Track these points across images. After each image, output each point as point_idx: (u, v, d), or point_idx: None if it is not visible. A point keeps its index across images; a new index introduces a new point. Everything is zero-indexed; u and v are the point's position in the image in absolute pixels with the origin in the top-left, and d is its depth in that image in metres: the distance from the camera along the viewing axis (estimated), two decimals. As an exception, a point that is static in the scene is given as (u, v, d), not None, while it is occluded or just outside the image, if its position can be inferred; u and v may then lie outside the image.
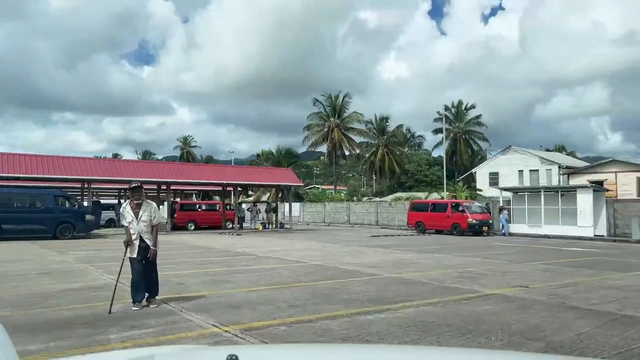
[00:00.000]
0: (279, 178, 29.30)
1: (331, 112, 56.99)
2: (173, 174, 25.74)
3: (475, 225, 25.86)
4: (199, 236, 23.99)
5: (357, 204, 41.05)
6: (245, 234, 25.56)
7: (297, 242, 20.23)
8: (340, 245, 18.56)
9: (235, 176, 27.56)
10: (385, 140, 62.56)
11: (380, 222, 37.19)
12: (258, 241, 20.54)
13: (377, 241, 21.10)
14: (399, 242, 20.88)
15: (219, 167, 27.71)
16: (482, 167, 45.72)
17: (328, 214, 42.47)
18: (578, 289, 8.51)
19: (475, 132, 63.75)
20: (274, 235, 25.18)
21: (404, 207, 35.58)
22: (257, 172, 28.81)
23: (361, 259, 13.32)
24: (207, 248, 17.05)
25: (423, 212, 28.66)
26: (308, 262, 12.57)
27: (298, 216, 45.66)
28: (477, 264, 12.26)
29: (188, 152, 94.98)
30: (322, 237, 23.26)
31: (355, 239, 22.19)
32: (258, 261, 12.78)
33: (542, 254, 15.45)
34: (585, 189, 24.47)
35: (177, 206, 32.28)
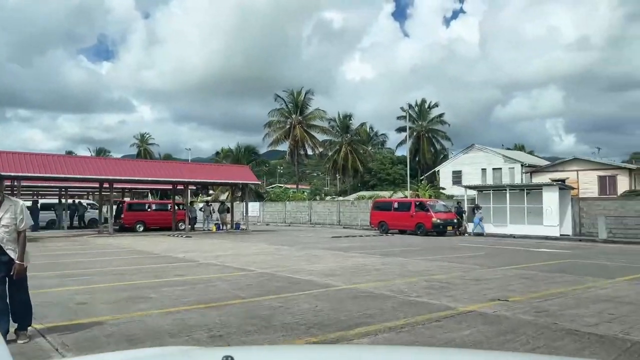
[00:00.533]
0: (235, 176, 27.44)
1: (293, 109, 55.34)
2: (117, 171, 23.49)
3: (440, 224, 24.78)
4: (143, 239, 21.88)
5: (319, 203, 39.58)
6: (196, 236, 23.61)
7: (249, 244, 18.51)
8: (297, 248, 16.96)
9: (188, 174, 25.53)
10: (349, 139, 61.42)
11: (342, 222, 35.82)
12: (206, 244, 18.69)
13: (337, 243, 19.62)
14: (361, 243, 19.47)
15: (169, 164, 25.63)
16: (445, 165, 45.13)
17: (289, 214, 40.80)
18: (566, 303, 7.21)
19: (438, 131, 63.48)
20: (227, 237, 23.34)
21: (367, 206, 34.32)
22: (211, 169, 26.88)
23: (317, 265, 11.75)
24: (145, 253, 15.11)
25: (386, 212, 27.43)
26: (255, 269, 10.91)
27: (257, 216, 43.80)
28: (445, 270, 10.90)
29: (145, 149, 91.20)
30: (279, 239, 21.61)
31: (314, 241, 20.65)
32: (196, 269, 11.02)
33: (513, 257, 14.32)
34: (551, 187, 23.77)
35: (125, 206, 29.95)
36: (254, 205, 45.42)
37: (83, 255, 14.52)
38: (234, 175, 27.48)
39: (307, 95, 55.30)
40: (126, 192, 35.36)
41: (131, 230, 28.50)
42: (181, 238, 22.47)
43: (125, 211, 29.68)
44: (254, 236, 23.82)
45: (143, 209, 31.07)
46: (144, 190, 39.12)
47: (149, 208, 30.87)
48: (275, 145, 55.17)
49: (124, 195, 35.67)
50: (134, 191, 37.46)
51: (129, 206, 30.25)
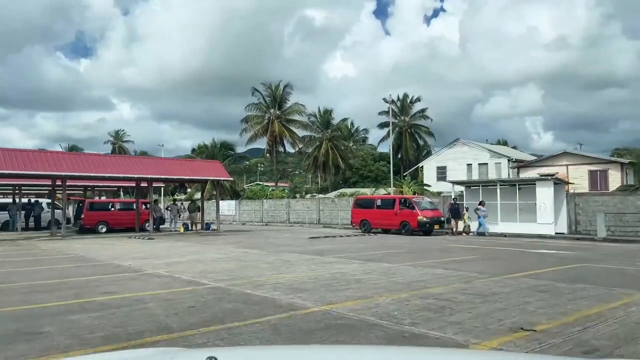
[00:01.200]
0: (204, 172, 25.20)
1: (271, 103, 53.11)
2: (71, 166, 21.06)
3: (426, 223, 22.96)
4: (98, 242, 19.56)
5: (298, 201, 37.53)
6: (160, 238, 21.35)
7: (215, 248, 16.36)
8: (267, 251, 14.89)
9: (151, 169, 23.20)
10: (330, 134, 59.48)
11: (322, 221, 33.83)
12: (165, 248, 16.49)
13: (314, 245, 17.59)
14: (340, 245, 17.48)
15: (131, 159, 23.28)
16: (430, 161, 43.49)
17: (266, 213, 38.65)
18: (614, 333, 5.31)
19: (421, 126, 61.98)
20: (193, 239, 21.14)
21: (348, 203, 32.37)
22: (178, 165, 24.61)
23: (286, 275, 9.72)
24: (87, 260, 12.87)
25: (368, 209, 25.53)
26: (208, 283, 8.82)
27: (233, 215, 41.56)
28: (441, 280, 8.97)
29: (120, 147, 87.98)
30: (250, 241, 19.50)
31: (289, 242, 18.60)
32: (134, 283, 8.88)
33: (514, 261, 12.49)
34: (545, 182, 22.13)
35: (85, 205, 27.47)
36: (230, 203, 43.17)
37: (11, 263, 12.22)
38: (203, 171, 25.24)
39: (285, 89, 53.16)
40: (92, 191, 32.75)
41: (93, 232, 26.13)
42: (142, 240, 20.18)
43: (85, 211, 27.23)
44: (224, 238, 21.66)
45: (106, 208, 28.62)
46: (113, 188, 36.48)
47: (112, 207, 28.43)
48: (253, 141, 52.90)
49: (94, 194, 33.06)
50: (102, 189, 34.86)
51: (90, 205, 27.75)
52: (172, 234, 23.92)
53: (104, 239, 20.94)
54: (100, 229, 27.10)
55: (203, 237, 21.84)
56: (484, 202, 22.55)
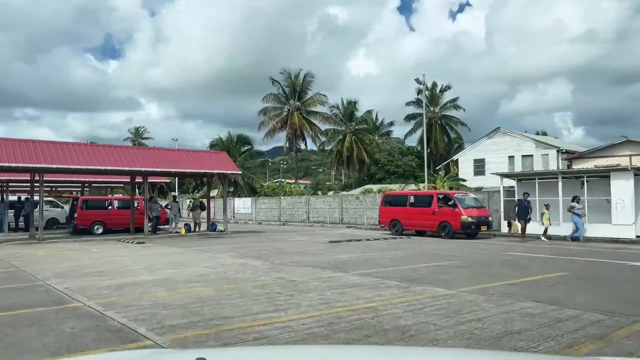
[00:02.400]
0: (209, 164, 21.72)
1: (291, 94, 49.53)
2: (53, 158, 17.85)
3: (472, 224, 18.95)
4: (74, 247, 16.24)
5: (318, 198, 33.81)
6: (153, 241, 17.96)
7: (207, 257, 12.78)
8: (272, 263, 11.22)
9: (145, 162, 19.84)
10: (353, 128, 55.60)
11: (345, 221, 30.05)
12: (146, 257, 12.98)
13: (334, 252, 13.85)
14: (368, 253, 13.68)
15: (122, 150, 19.92)
16: (465, 153, 39.18)
17: (284, 211, 35.07)
18: None
19: (452, 117, 57.48)
20: (190, 243, 17.65)
21: (374, 201, 28.53)
22: (178, 156, 21.20)
23: (283, 313, 6.02)
24: (14, 279, 9.40)
25: (400, 208, 21.63)
26: (146, 332, 5.17)
27: (250, 214, 38.15)
28: (549, 331, 5.11)
29: (140, 144, 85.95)
30: (257, 246, 15.89)
31: (304, 248, 14.92)
32: (25, 332, 5.28)
33: (633, 284, 8.49)
34: (622, 173, 17.81)
35: (79, 203, 24.37)
36: (246, 201, 39.80)
37: None
38: (208, 163, 21.76)
39: (306, 79, 49.47)
40: (89, 187, 29.72)
41: (87, 233, 23.05)
42: (128, 245, 16.79)
43: (79, 210, 24.13)
44: (228, 241, 18.12)
45: (102, 206, 25.43)
46: (115, 185, 33.42)
47: (109, 206, 25.24)
48: (272, 135, 49.39)
49: (90, 191, 30.04)
50: (106, 186, 31.81)
51: (84, 204, 24.64)
52: (171, 236, 20.51)
53: (85, 243, 17.64)
54: (96, 230, 23.95)
55: (202, 241, 18.34)
56: (579, 198, 17.98)
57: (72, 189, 33.31)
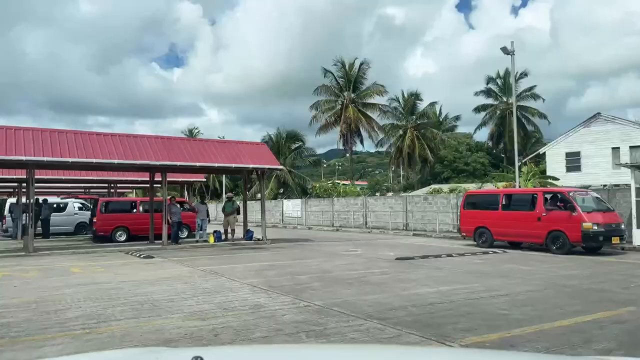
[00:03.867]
0: (244, 157, 17.48)
1: (345, 85, 44.87)
2: (42, 149, 14.22)
3: (598, 234, 13.48)
4: (63, 263, 12.39)
5: (378, 199, 28.86)
6: (167, 255, 13.93)
7: (212, 286, 8.39)
8: (309, 303, 6.62)
9: (160, 154, 15.88)
10: (414, 122, 50.07)
11: (411, 226, 24.98)
12: (125, 284, 8.74)
13: (407, 279, 9.05)
14: (460, 282, 8.76)
15: (130, 140, 16.02)
16: (555, 145, 32.76)
17: (337, 215, 30.45)
18: None
19: (529, 108, 50.53)
20: (211, 257, 13.41)
21: (447, 202, 23.32)
22: (203, 147, 17.11)
23: None
24: None
25: (489, 211, 16.40)
26: None
27: (299, 217, 33.86)
28: None
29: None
30: (296, 266, 11.36)
31: (361, 270, 10.22)
32: None
33: None
34: None
35: (99, 206, 20.97)
36: (296, 203, 35.54)
37: None
38: (242, 157, 17.52)
39: (362, 68, 44.58)
40: (114, 188, 26.41)
41: (108, 240, 19.66)
42: (130, 260, 12.78)
43: (98, 213, 20.72)
44: (261, 256, 13.74)
45: (126, 209, 21.90)
46: (141, 185, 29.87)
47: (134, 209, 21.70)
48: (325, 131, 44.90)
49: (114, 192, 26.76)
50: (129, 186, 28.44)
51: (104, 206, 21.21)
52: (193, 247, 16.41)
53: (83, 257, 13.80)
54: (119, 236, 20.48)
55: (227, 255, 14.02)
56: None
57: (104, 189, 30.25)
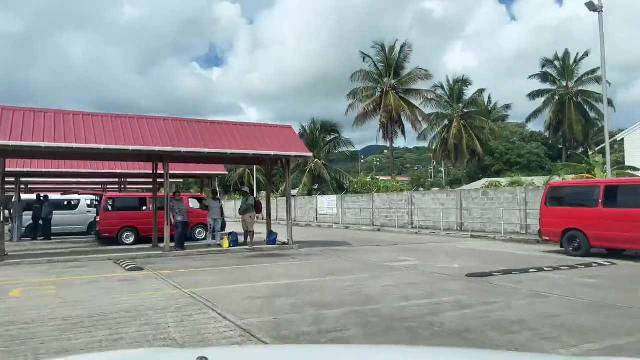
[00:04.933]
0: (263, 142, 14.18)
1: (385, 70, 40.99)
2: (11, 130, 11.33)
3: None
4: (37, 276, 9.40)
5: (425, 194, 24.95)
6: (161, 265, 10.79)
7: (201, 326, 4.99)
8: None
9: (163, 138, 12.77)
10: (461, 110, 45.61)
11: (467, 226, 21.07)
12: (87, 318, 5.49)
13: (498, 319, 5.39)
14: (578, 314, 5.08)
15: (125, 121, 12.95)
16: (632, 132, 27.90)
17: (378, 212, 26.81)
18: None
19: (592, 93, 45.16)
20: (216, 271, 10.17)
21: (514, 198, 19.33)
22: (215, 131, 13.89)
23: None
24: None
25: (582, 209, 12.43)
26: None
27: (335, 215, 30.40)
28: None
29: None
30: (324, 288, 7.89)
31: (419, 297, 6.65)
32: None
33: None
34: None
35: (102, 203, 18.23)
36: (331, 200, 32.07)
37: None
38: (262, 141, 14.22)
39: (403, 51, 40.58)
40: (123, 184, 23.64)
41: (114, 242, 16.93)
42: (115, 273, 9.67)
43: (102, 211, 17.98)
44: (279, 269, 10.39)
45: (134, 207, 19.03)
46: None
47: (144, 206, 18.81)
48: (362, 121, 41.14)
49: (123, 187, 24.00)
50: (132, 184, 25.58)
51: (109, 202, 18.46)
52: (200, 254, 13.21)
53: (49, 268, 10.80)
54: (126, 238, 17.69)
55: (237, 267, 10.69)
56: None
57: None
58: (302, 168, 40.77)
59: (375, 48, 40.86)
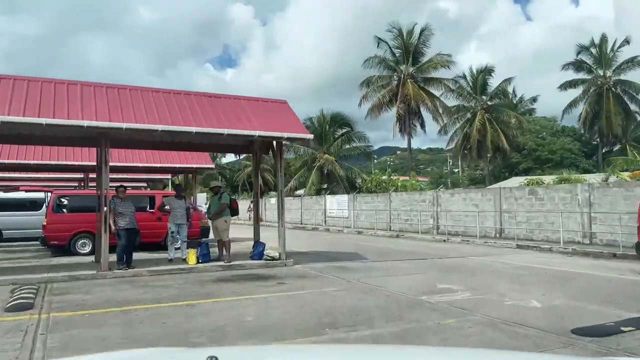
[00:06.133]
0: (244, 120, 10.29)
1: (402, 57, 36.87)
2: None
3: None
4: None
5: (454, 194, 20.78)
6: (96, 293, 6.99)
7: None
8: None
9: (101, 110, 8.98)
10: (485, 102, 41.33)
11: (508, 232, 16.96)
12: None
13: None
14: None
15: (49, 87, 9.15)
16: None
17: (396, 215, 22.78)
18: None
19: (633, 84, 40.55)
20: (166, 313, 6.29)
21: (572, 198, 15.18)
22: (178, 103, 10.07)
23: None
24: None
25: None
26: None
27: (346, 217, 26.40)
28: None
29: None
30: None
31: None
32: None
33: None
34: None
35: (50, 202, 14.57)
36: (342, 200, 28.08)
37: None
38: (243, 119, 10.34)
39: (423, 35, 36.44)
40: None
41: (64, 252, 13.25)
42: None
43: (50, 213, 14.32)
44: (248, 312, 6.43)
45: (91, 207, 15.20)
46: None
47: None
48: (377, 112, 37.03)
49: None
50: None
51: (59, 202, 14.75)
52: (151, 275, 9.36)
53: None
54: (81, 246, 13.97)
55: (199, 302, 6.73)
56: None
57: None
58: (309, 165, 36.84)
59: (391, 32, 36.74)
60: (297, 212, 32.28)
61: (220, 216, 10.55)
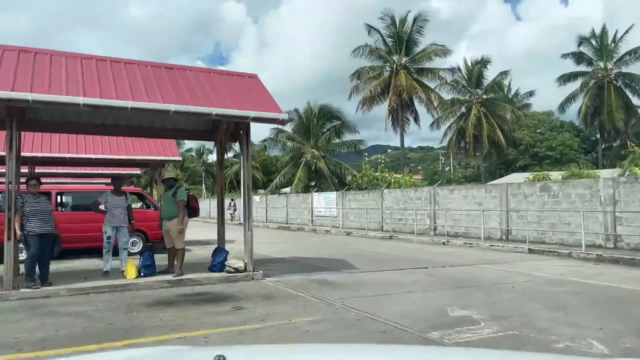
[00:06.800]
0: (201, 95, 8.07)
1: (395, 46, 34.74)
2: None
3: None
4: None
5: (453, 191, 18.63)
6: None
7: None
8: None
9: (5, 76, 6.73)
10: (481, 96, 39.40)
11: (516, 234, 14.89)
12: None
13: None
14: None
15: None
16: None
17: (388, 214, 20.66)
18: None
19: (635, 76, 38.76)
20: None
21: (593, 196, 13.13)
22: (115, 72, 7.92)
23: None
24: None
25: None
26: None
27: (335, 217, 24.22)
28: None
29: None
30: None
31: None
32: None
33: None
34: None
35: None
36: (329, 197, 25.88)
37: None
38: (200, 94, 8.09)
39: (416, 24, 34.31)
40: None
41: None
42: None
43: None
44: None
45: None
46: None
47: (59, 205, 12.70)
48: (369, 106, 34.83)
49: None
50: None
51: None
52: (71, 295, 7.13)
53: None
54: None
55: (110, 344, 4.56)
56: None
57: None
58: (296, 160, 34.60)
59: (383, 20, 34.56)
60: (283, 210, 30.04)
61: (176, 216, 8.31)
